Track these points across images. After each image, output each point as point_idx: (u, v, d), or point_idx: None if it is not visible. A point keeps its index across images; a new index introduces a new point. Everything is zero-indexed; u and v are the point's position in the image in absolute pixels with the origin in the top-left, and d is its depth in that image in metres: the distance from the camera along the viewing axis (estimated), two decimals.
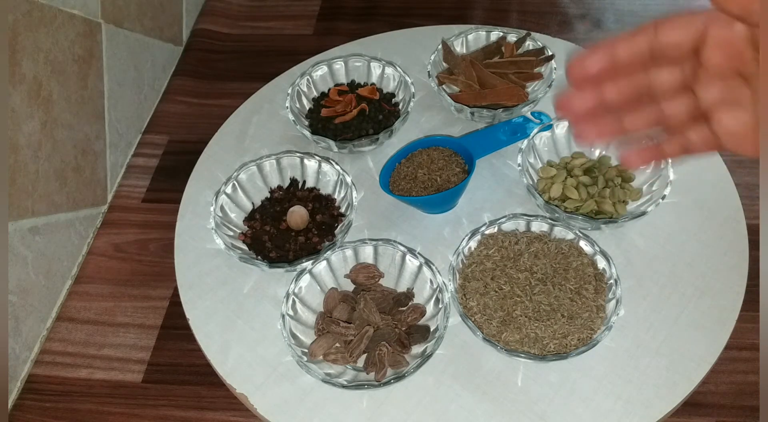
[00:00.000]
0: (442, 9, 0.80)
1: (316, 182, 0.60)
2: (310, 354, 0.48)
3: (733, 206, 0.57)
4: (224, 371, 0.51)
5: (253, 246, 0.55)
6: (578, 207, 0.55)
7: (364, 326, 0.49)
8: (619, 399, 0.47)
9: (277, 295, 0.54)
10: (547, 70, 0.63)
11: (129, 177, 0.67)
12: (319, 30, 0.79)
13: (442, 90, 0.63)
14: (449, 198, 0.56)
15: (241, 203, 0.58)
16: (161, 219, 0.62)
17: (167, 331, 0.56)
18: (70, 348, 0.55)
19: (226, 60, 0.77)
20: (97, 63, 0.62)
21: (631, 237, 0.55)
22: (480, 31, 0.67)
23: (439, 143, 0.58)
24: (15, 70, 0.51)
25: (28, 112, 0.53)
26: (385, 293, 0.51)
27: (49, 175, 0.56)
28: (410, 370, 0.47)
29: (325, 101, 0.64)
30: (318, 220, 0.56)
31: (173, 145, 0.69)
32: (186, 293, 0.55)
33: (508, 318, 0.48)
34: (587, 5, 0.79)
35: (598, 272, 0.51)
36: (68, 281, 0.60)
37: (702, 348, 0.49)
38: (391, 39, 0.73)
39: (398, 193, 0.56)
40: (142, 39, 0.70)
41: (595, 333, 0.48)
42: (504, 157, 0.60)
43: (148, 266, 0.60)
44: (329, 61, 0.66)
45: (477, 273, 0.51)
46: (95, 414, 0.52)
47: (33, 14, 0.53)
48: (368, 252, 0.54)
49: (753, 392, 0.49)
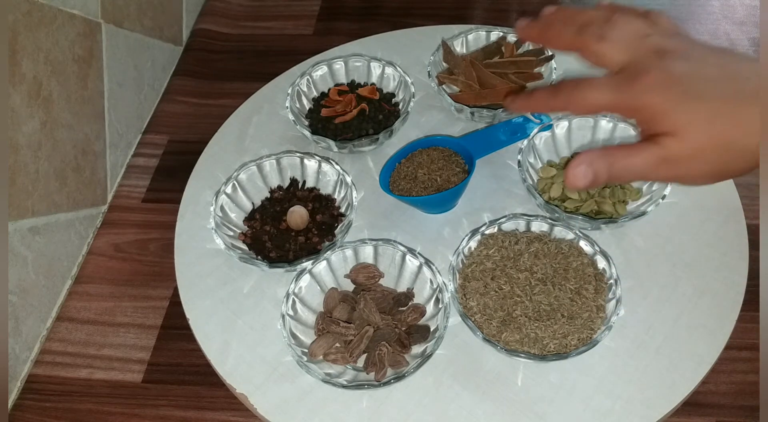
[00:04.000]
0: (442, 9, 0.80)
1: (316, 182, 0.60)
2: (310, 354, 0.48)
3: (733, 206, 0.57)
4: (224, 371, 0.51)
5: (253, 246, 0.55)
6: (578, 207, 0.55)
7: (364, 326, 0.49)
8: (619, 399, 0.47)
9: (277, 295, 0.54)
10: (547, 70, 0.63)
11: (129, 177, 0.67)
12: (319, 30, 0.79)
13: (442, 90, 0.63)
14: (449, 198, 0.56)
15: (241, 203, 0.58)
16: (161, 219, 0.62)
17: (167, 331, 0.56)
18: (70, 348, 0.55)
19: (226, 60, 0.77)
20: (97, 63, 0.62)
21: (631, 237, 0.55)
22: (480, 31, 0.67)
23: (439, 143, 0.58)
24: (15, 70, 0.51)
25: (28, 112, 0.53)
26: (385, 293, 0.51)
27: (49, 175, 0.56)
28: (410, 370, 0.47)
29: (325, 101, 0.64)
30: (318, 220, 0.56)
31: (173, 145, 0.69)
32: (186, 293, 0.55)
33: (508, 318, 0.48)
34: (587, 5, 0.79)
35: (598, 272, 0.51)
36: (68, 281, 0.60)
37: (702, 348, 0.49)
38: (391, 39, 0.73)
39: (398, 193, 0.56)
40: (142, 39, 0.70)
41: (595, 333, 0.48)
42: (504, 157, 0.60)
43: (148, 266, 0.60)
44: (329, 61, 0.66)
45: (477, 273, 0.51)
46: (95, 414, 0.52)
47: (33, 14, 0.53)
48: (368, 252, 0.54)
49: (753, 392, 0.49)
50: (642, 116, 0.40)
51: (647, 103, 0.39)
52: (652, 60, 0.40)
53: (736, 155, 0.38)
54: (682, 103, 0.38)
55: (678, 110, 0.38)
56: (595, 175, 0.40)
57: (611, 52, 0.42)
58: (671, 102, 0.39)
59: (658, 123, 0.39)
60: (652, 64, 0.40)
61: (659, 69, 0.39)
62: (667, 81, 0.39)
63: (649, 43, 0.41)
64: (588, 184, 0.40)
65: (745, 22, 0.75)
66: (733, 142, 0.37)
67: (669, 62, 0.40)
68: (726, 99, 0.38)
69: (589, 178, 0.40)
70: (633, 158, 0.39)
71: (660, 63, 0.40)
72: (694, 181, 0.40)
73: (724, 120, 0.37)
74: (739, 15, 0.76)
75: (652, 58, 0.40)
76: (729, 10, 0.77)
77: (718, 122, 0.37)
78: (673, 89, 0.39)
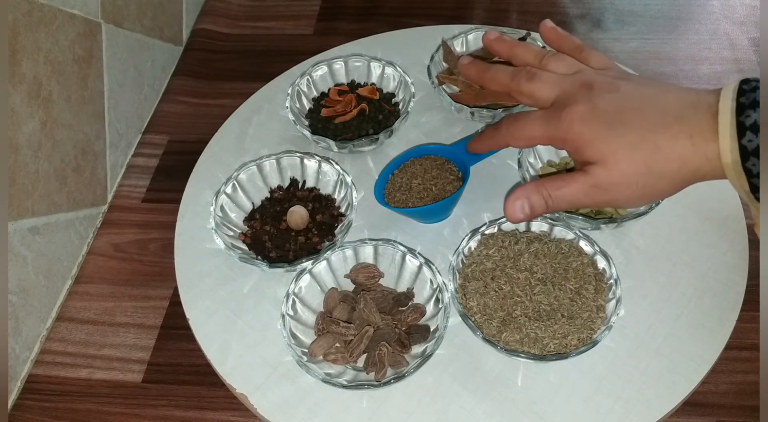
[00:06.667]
0: (442, 9, 0.80)
1: (316, 182, 0.60)
2: (310, 354, 0.48)
3: (733, 206, 0.57)
4: (224, 371, 0.51)
5: (253, 246, 0.55)
6: None
7: (364, 326, 0.49)
8: (619, 399, 0.48)
9: (277, 295, 0.54)
10: None
11: (129, 177, 0.67)
12: (319, 30, 0.79)
13: (442, 90, 0.63)
14: (447, 207, 0.56)
15: (241, 203, 0.58)
16: (161, 219, 0.62)
17: (167, 331, 0.56)
18: (70, 348, 0.55)
19: (226, 60, 0.77)
20: (97, 63, 0.62)
21: (631, 237, 0.55)
22: (480, 31, 0.67)
23: (431, 152, 0.58)
24: (15, 70, 0.51)
25: (28, 112, 0.53)
26: (385, 293, 0.51)
27: (49, 175, 0.56)
28: (410, 370, 0.47)
29: (325, 101, 0.64)
30: (318, 220, 0.56)
31: (173, 145, 0.69)
32: (186, 293, 0.55)
33: (508, 318, 0.48)
34: (587, 5, 0.79)
35: (598, 272, 0.51)
36: (68, 281, 0.60)
37: (702, 348, 0.49)
38: (391, 39, 0.73)
39: (394, 204, 0.56)
40: (142, 39, 0.70)
41: (595, 333, 0.48)
42: (504, 157, 0.60)
43: (148, 266, 0.60)
44: (329, 61, 0.66)
45: (477, 273, 0.51)
46: (95, 414, 0.52)
47: (33, 14, 0.53)
48: (368, 252, 0.54)
49: (753, 392, 0.49)
50: (571, 146, 0.43)
51: (574, 134, 0.42)
52: (579, 93, 0.43)
53: (659, 179, 0.41)
54: (607, 133, 0.41)
55: (603, 140, 0.41)
56: (532, 208, 0.43)
57: (540, 91, 0.45)
58: (596, 132, 0.41)
59: (586, 152, 0.42)
60: (579, 98, 0.43)
61: (585, 102, 0.42)
62: (593, 113, 0.42)
63: (578, 78, 0.45)
64: (526, 217, 0.43)
65: (745, 22, 0.75)
66: (654, 168, 0.40)
67: (595, 95, 0.42)
68: (647, 128, 0.40)
69: (526, 212, 0.43)
70: (566, 188, 0.42)
71: (586, 96, 0.43)
72: (625, 204, 0.43)
73: (645, 147, 0.40)
74: (739, 15, 0.76)
75: (580, 92, 0.43)
76: (729, 10, 0.77)
77: (639, 150, 0.40)
78: (598, 120, 0.41)
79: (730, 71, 0.70)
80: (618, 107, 0.42)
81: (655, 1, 0.79)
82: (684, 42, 0.74)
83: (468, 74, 0.51)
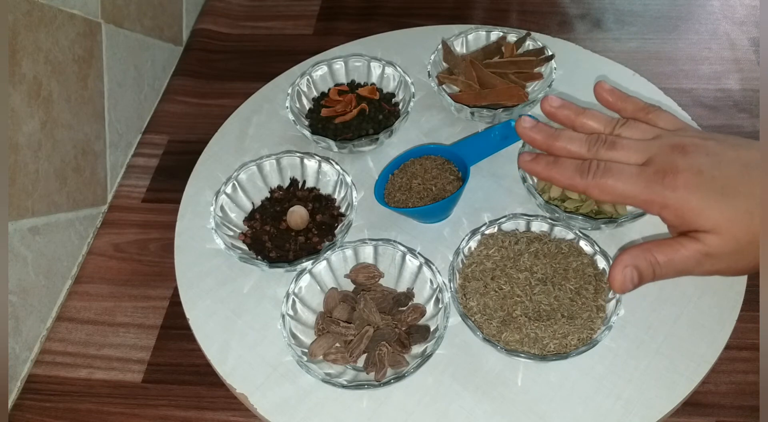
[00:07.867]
0: (442, 9, 0.80)
1: (316, 182, 0.60)
2: (310, 354, 0.48)
3: None
4: (224, 371, 0.51)
5: (253, 246, 0.55)
6: (578, 207, 0.55)
7: (364, 326, 0.49)
8: (619, 399, 0.47)
9: (277, 295, 0.54)
10: (547, 70, 0.64)
11: (129, 177, 0.67)
12: (319, 30, 0.79)
13: (442, 90, 0.63)
14: (447, 207, 0.56)
15: (241, 203, 0.58)
16: (161, 219, 0.62)
17: (167, 331, 0.56)
18: (70, 348, 0.55)
19: (226, 60, 0.77)
20: (97, 63, 0.62)
21: (631, 237, 0.55)
22: (480, 31, 0.67)
23: (431, 152, 0.58)
24: (15, 70, 0.51)
25: (28, 112, 0.53)
26: (385, 293, 0.51)
27: (49, 175, 0.56)
28: (410, 370, 0.47)
29: (325, 101, 0.64)
30: (318, 220, 0.56)
31: (173, 145, 0.69)
32: (186, 293, 0.55)
33: (508, 318, 0.48)
34: (587, 5, 0.79)
35: (598, 272, 0.51)
36: (68, 281, 0.60)
37: (702, 348, 0.49)
38: (391, 39, 0.73)
39: (394, 204, 0.56)
40: (142, 39, 0.70)
41: (595, 333, 0.48)
42: (503, 156, 0.60)
43: (148, 266, 0.60)
44: (329, 61, 0.66)
45: (477, 273, 0.51)
46: (95, 414, 0.52)
47: (33, 14, 0.53)
48: (368, 252, 0.54)
49: (753, 392, 0.49)
50: (672, 213, 0.41)
51: (680, 201, 0.40)
52: (675, 158, 0.41)
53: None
54: (719, 201, 0.39)
55: (715, 208, 0.39)
56: (641, 275, 0.41)
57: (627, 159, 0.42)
58: (707, 200, 0.39)
59: (694, 221, 0.40)
60: (679, 163, 0.40)
61: (686, 167, 0.40)
62: (698, 179, 0.40)
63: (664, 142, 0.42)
64: (634, 287, 0.41)
65: (745, 22, 0.75)
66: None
67: (692, 159, 0.40)
68: (755, 194, 0.39)
69: (636, 281, 0.41)
70: (676, 255, 0.40)
71: (684, 160, 0.40)
72: (736, 273, 0.42)
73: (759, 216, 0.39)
74: (739, 15, 0.76)
75: (673, 157, 0.41)
76: (729, 10, 0.77)
77: (755, 218, 0.39)
78: (707, 187, 0.39)
79: (730, 71, 0.70)
80: (724, 173, 0.40)
81: (655, 1, 0.79)
82: (684, 42, 0.74)
83: (531, 171, 0.47)
